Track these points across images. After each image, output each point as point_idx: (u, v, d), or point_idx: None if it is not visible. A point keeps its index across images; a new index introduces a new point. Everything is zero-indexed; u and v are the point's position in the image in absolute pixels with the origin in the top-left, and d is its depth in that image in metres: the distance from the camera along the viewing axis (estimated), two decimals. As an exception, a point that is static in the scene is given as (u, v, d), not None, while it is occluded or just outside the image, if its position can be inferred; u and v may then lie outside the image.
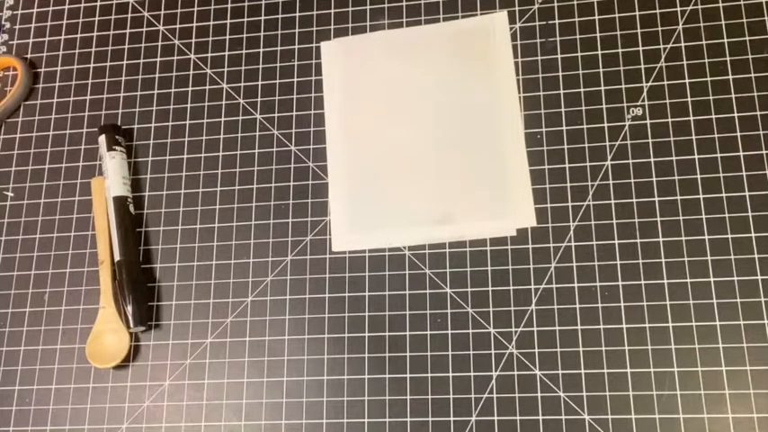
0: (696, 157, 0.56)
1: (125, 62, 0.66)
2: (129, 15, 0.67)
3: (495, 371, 0.54)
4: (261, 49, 0.64)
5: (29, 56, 0.68)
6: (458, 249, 0.57)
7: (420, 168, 0.59)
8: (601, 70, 0.59)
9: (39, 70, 0.68)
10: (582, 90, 0.59)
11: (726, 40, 0.58)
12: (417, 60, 0.62)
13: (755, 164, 0.55)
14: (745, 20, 0.58)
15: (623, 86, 0.58)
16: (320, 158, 0.61)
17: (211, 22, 0.66)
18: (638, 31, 0.59)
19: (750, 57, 0.57)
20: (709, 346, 0.52)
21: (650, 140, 0.57)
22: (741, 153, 0.55)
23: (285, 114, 0.62)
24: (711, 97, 0.57)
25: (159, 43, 0.66)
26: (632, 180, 0.56)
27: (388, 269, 0.57)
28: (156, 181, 0.62)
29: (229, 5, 0.66)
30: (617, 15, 0.60)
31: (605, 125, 0.57)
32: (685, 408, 0.51)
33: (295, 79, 0.63)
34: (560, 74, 0.59)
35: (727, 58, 0.57)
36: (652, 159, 0.56)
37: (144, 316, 0.58)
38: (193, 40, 0.65)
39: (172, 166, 0.62)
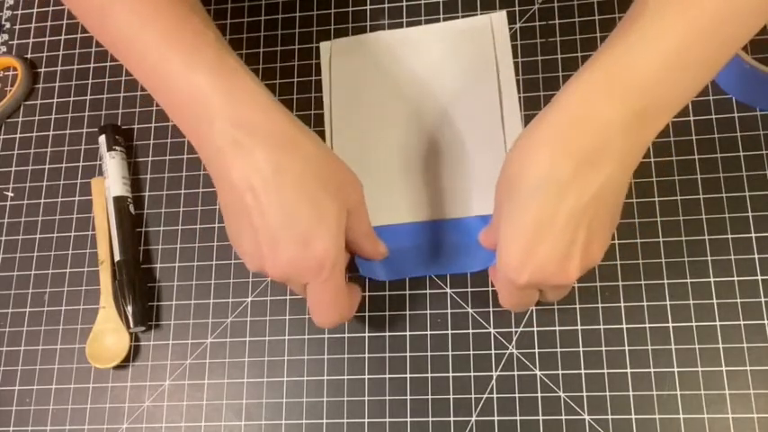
0: (696, 157, 0.56)
1: (125, 62, 0.66)
2: (129, 15, 0.67)
3: (495, 371, 0.54)
4: (261, 49, 0.64)
5: (29, 56, 0.68)
6: (458, 249, 0.57)
7: (420, 168, 0.59)
8: (601, 70, 0.59)
9: (39, 70, 0.68)
10: (582, 90, 0.58)
11: (726, 40, 0.58)
12: (417, 60, 0.62)
13: (755, 164, 0.55)
14: (745, 20, 0.58)
15: (623, 86, 0.58)
16: (320, 158, 0.60)
17: (211, 22, 0.66)
18: (639, 31, 0.59)
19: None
20: (709, 346, 0.52)
21: (650, 140, 0.56)
22: (741, 153, 0.55)
23: (285, 114, 0.62)
24: (712, 97, 0.57)
25: (159, 43, 0.66)
26: (632, 180, 0.56)
27: (388, 269, 0.57)
28: (156, 181, 0.62)
29: (229, 5, 0.66)
30: (617, 15, 0.60)
31: (605, 125, 0.57)
32: (685, 408, 0.51)
33: (295, 79, 0.63)
34: (560, 74, 0.59)
35: (728, 58, 0.57)
36: (652, 159, 0.56)
37: (144, 316, 0.58)
38: (193, 40, 0.65)
39: (172, 166, 0.62)
